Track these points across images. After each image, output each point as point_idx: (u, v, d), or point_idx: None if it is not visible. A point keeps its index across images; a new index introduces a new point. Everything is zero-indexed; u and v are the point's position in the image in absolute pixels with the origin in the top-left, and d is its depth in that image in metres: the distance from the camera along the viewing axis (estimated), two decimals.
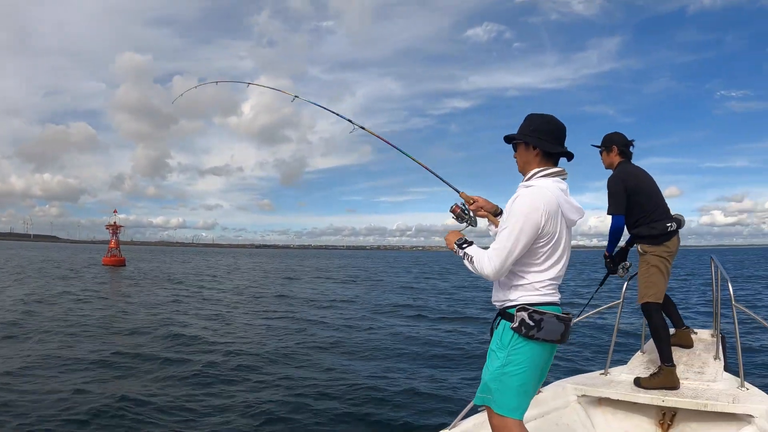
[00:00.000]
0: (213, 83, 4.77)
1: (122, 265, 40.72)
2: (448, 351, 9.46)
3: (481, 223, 2.46)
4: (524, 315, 2.02)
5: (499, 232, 2.08)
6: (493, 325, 2.19)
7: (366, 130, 3.03)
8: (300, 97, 3.63)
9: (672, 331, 4.00)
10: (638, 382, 3.37)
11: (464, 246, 2.17)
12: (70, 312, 13.94)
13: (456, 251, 2.19)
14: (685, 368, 3.61)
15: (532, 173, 2.14)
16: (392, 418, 5.77)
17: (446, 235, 2.29)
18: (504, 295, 2.13)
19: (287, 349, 9.44)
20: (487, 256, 2.04)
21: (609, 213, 3.56)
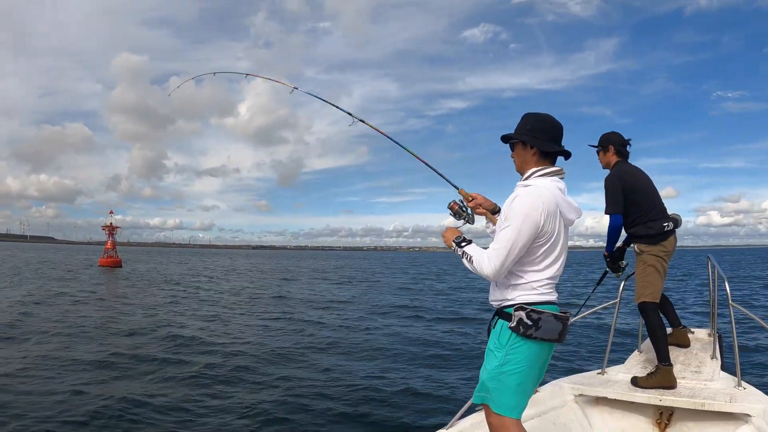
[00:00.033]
0: (210, 74, 4.86)
1: (119, 267, 40.48)
2: (445, 351, 9.47)
3: (478, 221, 2.45)
4: (522, 314, 2.01)
5: (498, 231, 2.06)
6: (490, 324, 2.18)
7: (365, 123, 3.04)
8: (299, 89, 3.67)
9: (669, 330, 4.00)
10: (635, 382, 3.36)
11: (463, 245, 2.16)
12: (68, 313, 13.91)
13: (454, 249, 2.18)
14: (682, 367, 3.61)
15: (530, 173, 2.13)
16: (390, 418, 5.78)
17: (444, 231, 2.28)
18: (501, 294, 2.12)
19: (285, 350, 9.43)
20: (487, 257, 2.03)
21: (607, 212, 3.55)
